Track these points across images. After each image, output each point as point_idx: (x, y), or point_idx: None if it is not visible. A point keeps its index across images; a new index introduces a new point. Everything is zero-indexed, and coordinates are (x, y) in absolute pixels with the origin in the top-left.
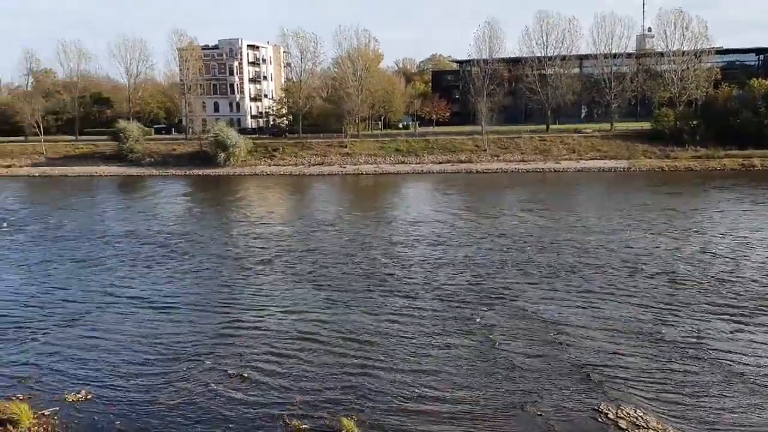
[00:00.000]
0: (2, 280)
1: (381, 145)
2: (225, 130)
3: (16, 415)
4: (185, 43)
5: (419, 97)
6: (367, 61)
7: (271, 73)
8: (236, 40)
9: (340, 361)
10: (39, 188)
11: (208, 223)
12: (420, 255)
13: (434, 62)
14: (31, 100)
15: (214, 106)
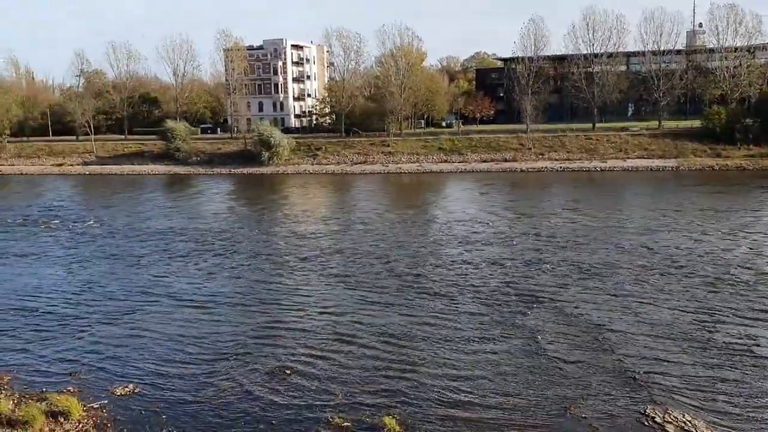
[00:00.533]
0: (52, 276)
1: (424, 144)
2: (269, 129)
3: (67, 407)
4: (231, 44)
5: (463, 95)
6: (410, 59)
7: (315, 73)
8: (280, 40)
9: (381, 361)
10: (89, 186)
11: (251, 222)
12: (461, 255)
13: (478, 60)
14: (82, 100)
15: (258, 106)
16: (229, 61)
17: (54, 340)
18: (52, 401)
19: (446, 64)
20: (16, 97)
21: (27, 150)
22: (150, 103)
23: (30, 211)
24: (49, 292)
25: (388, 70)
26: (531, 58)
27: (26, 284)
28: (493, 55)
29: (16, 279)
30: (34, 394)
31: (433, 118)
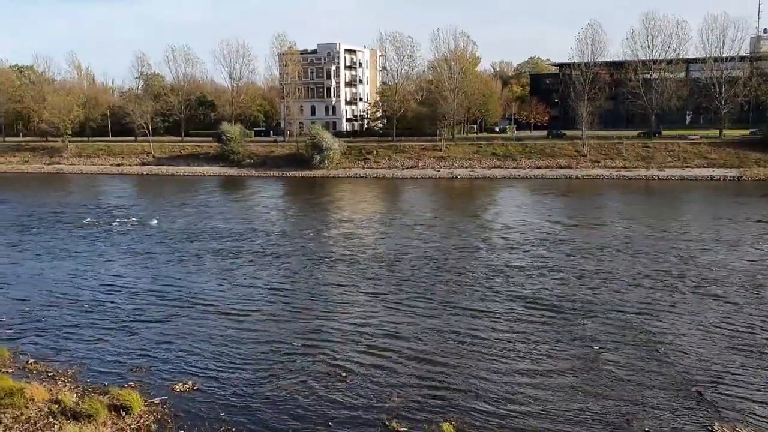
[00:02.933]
0: (113, 274)
1: (477, 149)
2: (321, 132)
3: (129, 402)
4: (285, 48)
5: (516, 100)
6: (464, 64)
7: (367, 77)
8: (334, 45)
9: (435, 367)
10: (146, 186)
11: (302, 225)
12: (514, 262)
13: (532, 65)
14: (141, 102)
15: (310, 109)
16: (284, 65)
17: (115, 336)
18: (114, 395)
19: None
20: (78, 98)
21: (88, 150)
22: (206, 105)
23: (90, 211)
24: (109, 290)
25: (442, 74)
26: (588, 63)
27: (88, 282)
28: (547, 60)
29: (78, 276)
30: (97, 387)
31: (486, 123)
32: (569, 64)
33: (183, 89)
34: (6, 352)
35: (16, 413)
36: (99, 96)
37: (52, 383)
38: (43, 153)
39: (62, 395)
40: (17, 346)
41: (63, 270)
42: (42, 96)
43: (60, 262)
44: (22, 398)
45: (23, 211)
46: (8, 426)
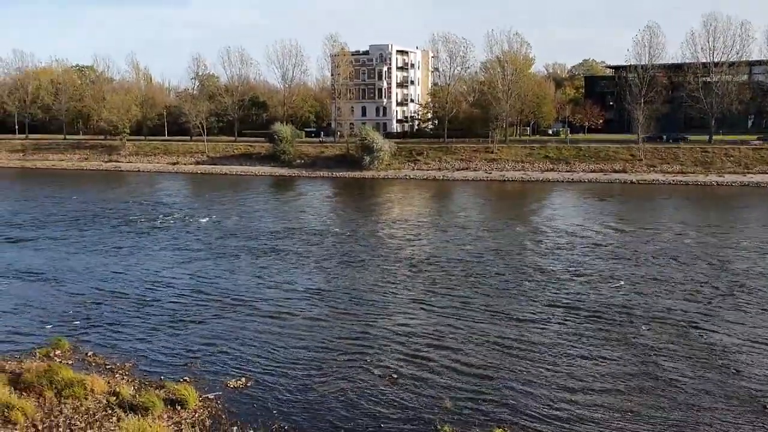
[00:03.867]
0: (168, 270)
1: (529, 152)
2: (371, 133)
3: (184, 396)
4: (337, 49)
5: (569, 102)
6: (517, 65)
7: (418, 78)
8: (386, 46)
9: (488, 371)
10: (201, 185)
11: (352, 225)
12: (567, 266)
13: (586, 67)
14: (196, 102)
15: (361, 110)
16: (335, 66)
17: (169, 331)
18: (170, 389)
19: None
20: (136, 98)
21: (145, 148)
22: (258, 106)
23: (147, 208)
24: (164, 285)
25: (495, 75)
26: (645, 66)
27: (143, 277)
28: (602, 62)
29: (134, 271)
30: (153, 381)
31: (539, 126)
32: (625, 67)
33: (237, 90)
34: (66, 344)
35: (76, 404)
36: (156, 96)
37: (110, 375)
38: (101, 151)
39: (120, 388)
40: (76, 339)
41: (119, 265)
42: (101, 95)
43: (116, 258)
44: (82, 389)
45: (82, 208)
46: (69, 416)
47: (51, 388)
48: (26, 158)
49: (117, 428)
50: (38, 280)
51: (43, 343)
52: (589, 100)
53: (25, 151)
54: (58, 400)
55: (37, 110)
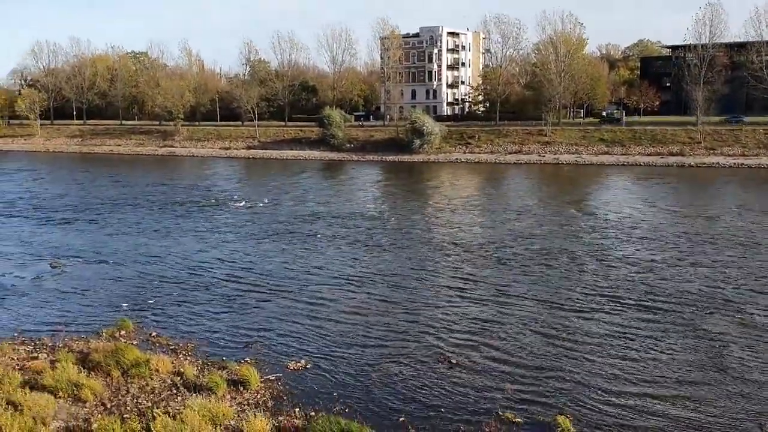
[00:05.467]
0: (225, 252)
1: (583, 134)
2: (421, 117)
3: (246, 377)
4: (388, 32)
5: (624, 84)
6: (570, 46)
7: (469, 60)
8: (437, 28)
9: (549, 358)
10: (252, 169)
11: (403, 209)
12: (625, 253)
13: (641, 48)
14: (248, 88)
15: (411, 93)
16: (385, 49)
17: (228, 313)
18: (232, 370)
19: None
20: (189, 84)
21: (198, 134)
22: (308, 90)
23: (201, 192)
24: (220, 267)
25: (548, 57)
26: (705, 45)
27: (200, 259)
28: (658, 42)
29: (192, 254)
30: (215, 362)
31: (593, 108)
32: (684, 46)
33: (287, 75)
34: (130, 324)
35: (142, 383)
36: (208, 82)
37: (174, 356)
38: (156, 136)
39: (184, 368)
40: (139, 319)
41: (176, 247)
42: (156, 81)
43: (173, 240)
44: (147, 369)
45: (139, 192)
46: (135, 395)
47: (118, 368)
48: (84, 143)
49: (182, 407)
50: (100, 262)
51: (108, 324)
52: (645, 82)
53: (83, 137)
54: (124, 380)
55: (94, 96)
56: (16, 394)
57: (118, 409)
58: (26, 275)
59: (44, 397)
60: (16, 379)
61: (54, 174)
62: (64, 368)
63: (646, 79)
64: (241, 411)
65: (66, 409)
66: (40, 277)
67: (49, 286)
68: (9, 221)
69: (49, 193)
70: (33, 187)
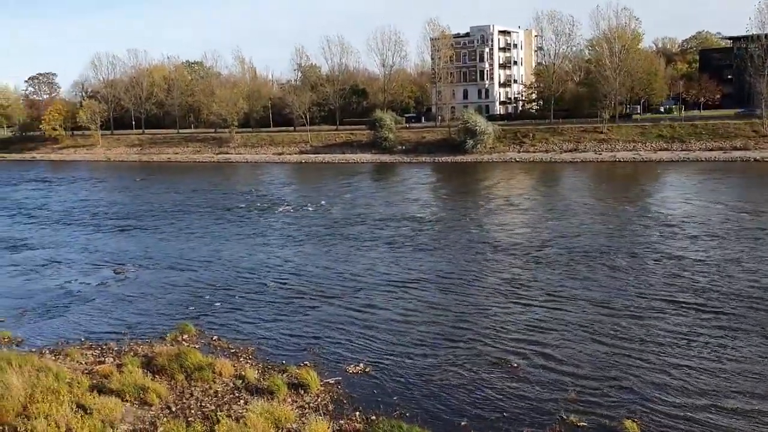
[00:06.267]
0: (281, 256)
1: (641, 131)
2: (474, 117)
3: (306, 380)
4: (438, 33)
5: (682, 78)
6: (625, 41)
7: (522, 58)
8: (488, 27)
9: (613, 361)
10: (305, 174)
11: (457, 210)
12: (687, 252)
13: (700, 40)
14: (299, 93)
15: (463, 93)
16: (436, 49)
17: (286, 316)
18: (292, 373)
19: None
20: (243, 91)
21: (251, 140)
22: (359, 94)
23: (257, 197)
24: (277, 271)
25: (602, 53)
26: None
27: (257, 263)
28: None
29: (249, 258)
30: (275, 365)
31: (650, 104)
32: (746, 37)
33: (338, 79)
34: (192, 329)
35: (206, 387)
36: (261, 88)
37: (235, 359)
38: (212, 143)
39: (245, 371)
40: (200, 323)
41: (234, 252)
42: (210, 89)
43: (230, 245)
44: (210, 373)
45: (198, 198)
46: (199, 399)
47: (181, 371)
48: (143, 152)
49: (245, 411)
50: (160, 268)
51: (170, 328)
52: (704, 75)
53: (142, 146)
54: (188, 383)
55: (152, 106)
56: (85, 397)
57: (183, 413)
58: (91, 281)
59: (112, 400)
60: (84, 383)
61: (115, 183)
62: (130, 372)
63: (706, 72)
64: (303, 414)
65: (133, 412)
66: (104, 283)
67: (113, 292)
68: (73, 229)
69: (111, 202)
70: (95, 196)
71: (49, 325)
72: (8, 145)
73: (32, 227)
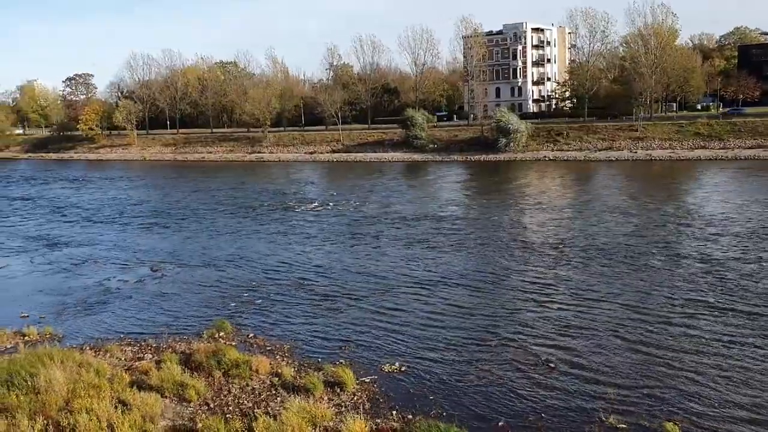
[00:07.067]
0: (313, 254)
1: (677, 129)
2: (506, 115)
3: (342, 379)
4: (470, 31)
5: (720, 75)
6: (662, 38)
7: (555, 56)
8: (521, 24)
9: (654, 362)
10: (337, 172)
11: (489, 209)
12: (726, 252)
13: (738, 36)
14: (331, 92)
15: (495, 92)
16: (468, 48)
17: (321, 314)
18: (328, 372)
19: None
20: (275, 91)
21: (284, 139)
22: (390, 92)
23: (290, 196)
24: (311, 269)
25: (637, 50)
26: None
27: (291, 261)
28: (756, 30)
29: (283, 256)
30: (311, 363)
31: (687, 101)
32: None
33: (369, 78)
34: (229, 326)
35: (243, 384)
36: (293, 88)
37: (271, 357)
38: (245, 143)
39: (281, 369)
40: (236, 321)
41: (268, 250)
42: (243, 90)
43: (265, 243)
44: (247, 370)
45: (232, 197)
46: (236, 395)
47: (219, 368)
48: (178, 151)
49: (282, 408)
50: (195, 265)
51: (207, 325)
52: (743, 71)
53: (176, 145)
54: (226, 380)
55: (186, 106)
56: (126, 393)
57: (221, 409)
58: (129, 278)
59: (152, 396)
60: (125, 379)
61: (150, 181)
62: (169, 369)
63: (745, 68)
64: (339, 413)
65: (172, 408)
66: (141, 280)
67: (151, 289)
68: (109, 227)
69: (145, 200)
70: (131, 195)
71: (88, 322)
72: (47, 144)
73: (69, 225)
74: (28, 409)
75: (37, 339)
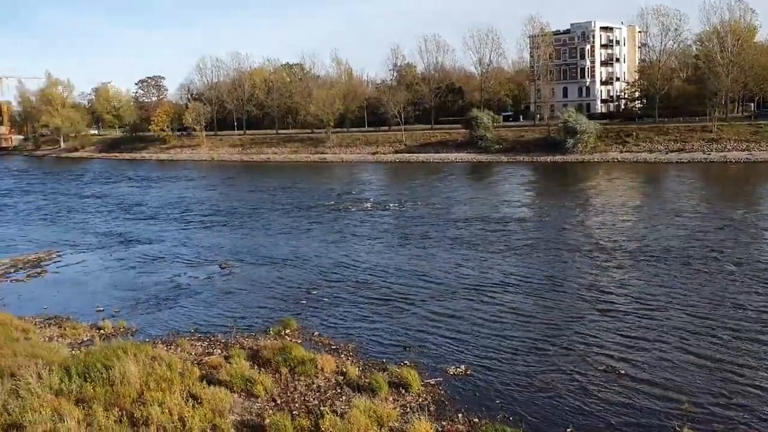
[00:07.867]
0: (377, 254)
1: (755, 130)
2: (574, 115)
3: (407, 380)
4: (537, 30)
5: None
6: (739, 35)
7: (624, 55)
8: (589, 23)
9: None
10: (400, 173)
11: (555, 212)
12: None
13: None
14: (394, 93)
15: (562, 92)
16: (535, 47)
17: (385, 315)
18: (392, 372)
19: None
20: (339, 92)
21: (347, 140)
22: (454, 92)
23: (353, 196)
24: (375, 269)
25: (712, 48)
26: None
27: (355, 261)
28: None
29: (346, 255)
30: (376, 363)
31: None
32: None
33: (433, 78)
34: (294, 324)
35: (308, 381)
36: (357, 89)
37: (336, 356)
38: (309, 143)
39: (346, 368)
40: (301, 319)
41: (332, 249)
42: (308, 91)
43: (328, 242)
44: (313, 368)
45: (296, 196)
46: (302, 393)
47: (285, 365)
48: (244, 152)
49: (348, 407)
50: (261, 263)
51: (273, 322)
52: None
53: (243, 146)
54: (292, 377)
55: (253, 107)
56: (196, 387)
57: (288, 406)
58: (199, 275)
59: (221, 391)
60: (195, 373)
61: (217, 181)
62: (238, 364)
63: None
64: (404, 413)
65: (240, 403)
66: (210, 277)
67: (219, 286)
68: (181, 225)
69: (214, 199)
70: (201, 194)
71: (160, 317)
72: (120, 144)
73: (141, 222)
74: (104, 400)
75: (111, 332)
